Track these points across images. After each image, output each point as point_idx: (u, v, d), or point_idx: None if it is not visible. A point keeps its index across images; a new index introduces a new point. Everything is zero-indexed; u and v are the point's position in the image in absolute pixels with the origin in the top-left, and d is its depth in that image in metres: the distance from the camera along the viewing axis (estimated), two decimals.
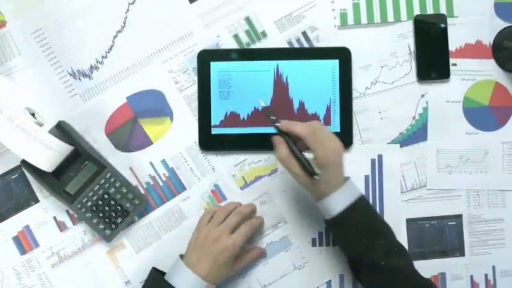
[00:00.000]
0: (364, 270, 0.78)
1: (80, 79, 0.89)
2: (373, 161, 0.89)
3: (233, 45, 0.89)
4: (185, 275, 0.79)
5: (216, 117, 0.88)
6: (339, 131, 0.88)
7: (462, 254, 0.90)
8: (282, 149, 0.76)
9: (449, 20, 0.89)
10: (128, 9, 0.89)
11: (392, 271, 0.76)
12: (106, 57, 0.89)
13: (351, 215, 0.77)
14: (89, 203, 0.86)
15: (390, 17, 0.90)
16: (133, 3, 0.89)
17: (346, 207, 0.77)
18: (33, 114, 0.83)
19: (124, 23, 0.89)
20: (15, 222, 0.88)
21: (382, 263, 0.76)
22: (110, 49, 0.89)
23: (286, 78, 0.88)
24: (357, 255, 0.79)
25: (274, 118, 0.78)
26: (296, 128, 0.76)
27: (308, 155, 0.76)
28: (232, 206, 0.86)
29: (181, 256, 0.83)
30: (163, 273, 0.83)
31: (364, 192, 0.88)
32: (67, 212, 0.88)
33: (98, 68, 0.89)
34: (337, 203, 0.77)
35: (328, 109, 0.88)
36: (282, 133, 0.77)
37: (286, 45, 0.89)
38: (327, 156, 0.75)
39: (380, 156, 0.89)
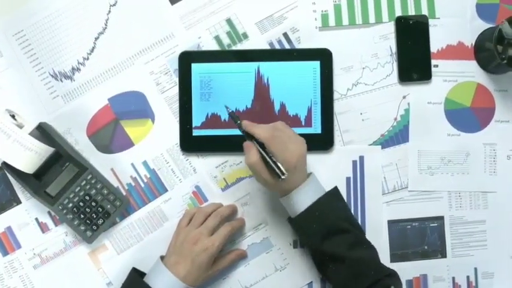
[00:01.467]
0: (329, 263, 0.79)
1: (61, 81, 0.89)
2: (354, 162, 0.89)
3: (214, 46, 0.89)
4: (164, 276, 0.79)
5: (197, 118, 0.88)
6: (320, 132, 0.88)
7: (444, 255, 0.90)
8: (252, 154, 0.76)
9: (430, 21, 0.89)
10: (109, 11, 0.89)
11: (355, 262, 0.77)
12: (87, 58, 0.89)
13: (314, 213, 0.78)
14: (70, 205, 0.86)
15: (372, 18, 0.89)
16: (114, 4, 0.89)
17: (309, 206, 0.77)
18: (13, 116, 0.84)
19: (105, 25, 0.89)
20: None
21: (345, 256, 0.76)
22: (92, 51, 0.89)
23: (267, 79, 0.88)
24: (321, 250, 0.79)
25: (239, 122, 0.78)
26: (256, 130, 0.76)
27: None
28: (211, 207, 0.86)
29: (162, 257, 0.83)
30: (144, 274, 0.83)
31: (345, 194, 0.89)
32: (49, 213, 0.88)
33: (80, 70, 0.89)
34: (301, 201, 0.78)
35: (310, 110, 0.88)
36: (251, 137, 0.77)
37: (268, 47, 0.89)
38: (290, 161, 0.75)
39: (361, 158, 0.89)
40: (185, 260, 0.80)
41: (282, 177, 0.75)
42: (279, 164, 0.75)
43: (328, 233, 0.78)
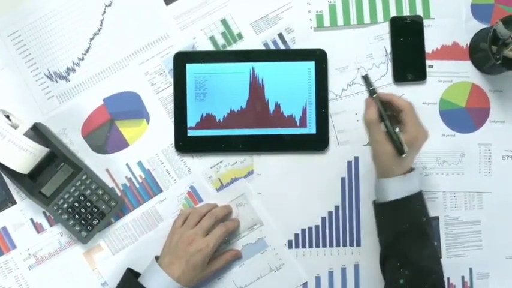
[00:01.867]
0: (393, 261, 0.77)
1: (56, 81, 0.89)
2: (349, 163, 0.89)
3: (209, 47, 0.89)
4: (158, 276, 0.80)
5: (192, 119, 0.88)
6: (314, 132, 0.88)
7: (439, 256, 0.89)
8: (373, 111, 0.76)
9: (425, 22, 0.89)
10: (104, 11, 0.89)
11: (421, 272, 0.75)
12: (83, 59, 0.89)
13: (405, 206, 0.76)
14: (65, 205, 0.86)
15: (366, 19, 0.89)
16: (110, 5, 0.89)
17: (403, 197, 0.76)
18: (8, 117, 0.84)
19: (101, 25, 0.89)
20: None
21: (418, 261, 0.75)
22: (87, 51, 0.89)
23: (262, 80, 0.88)
24: (394, 246, 0.77)
25: (373, 87, 0.77)
26: (398, 99, 0.76)
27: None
28: (206, 208, 0.86)
29: (157, 258, 0.84)
30: (138, 274, 0.83)
31: (340, 195, 0.89)
32: (44, 213, 0.88)
33: (75, 70, 0.89)
34: (397, 189, 0.76)
35: (304, 111, 0.88)
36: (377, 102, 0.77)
37: (263, 47, 0.89)
38: (417, 136, 0.75)
39: (356, 158, 0.89)
40: (180, 260, 0.80)
41: (403, 155, 0.74)
42: (403, 140, 0.74)
43: (409, 231, 0.76)
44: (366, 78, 0.78)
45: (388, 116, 0.76)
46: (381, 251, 0.81)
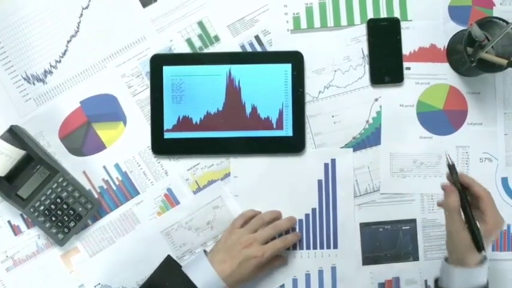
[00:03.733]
0: None
1: (33, 83, 0.89)
2: (326, 165, 0.89)
3: (186, 49, 0.89)
4: (206, 271, 0.80)
5: (168, 121, 0.88)
6: (291, 135, 0.88)
7: (416, 258, 0.89)
8: (455, 198, 0.74)
9: (403, 24, 0.89)
10: (81, 14, 0.89)
11: None
12: (60, 61, 0.89)
13: None
14: (42, 207, 0.86)
15: (343, 21, 0.89)
16: (87, 7, 0.89)
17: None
18: None
19: (78, 28, 0.89)
20: None
21: None
22: (64, 54, 0.89)
23: (239, 82, 0.88)
24: None
25: (452, 163, 0.76)
26: (478, 186, 0.75)
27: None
28: (270, 215, 0.86)
29: (205, 252, 0.84)
30: (177, 263, 0.84)
31: (317, 197, 0.89)
32: (21, 216, 0.89)
33: (52, 73, 0.89)
34: (462, 280, 0.74)
35: (281, 113, 0.88)
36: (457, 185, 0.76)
37: (239, 49, 0.89)
38: (496, 225, 0.74)
39: (333, 161, 0.89)
40: (233, 260, 0.80)
41: (483, 253, 0.72)
42: (481, 236, 0.72)
43: None
44: (451, 167, 0.77)
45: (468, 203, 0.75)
46: None
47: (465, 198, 0.75)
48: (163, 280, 0.81)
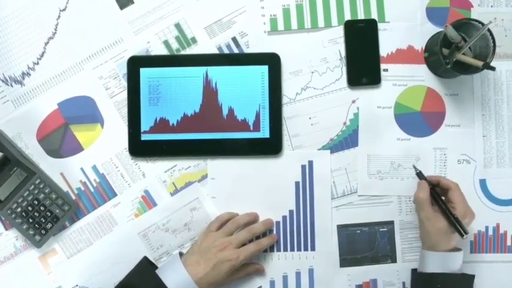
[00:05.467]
0: None
1: (11, 85, 0.89)
2: (303, 167, 0.89)
3: (163, 51, 0.89)
4: (179, 273, 0.80)
5: (145, 123, 0.88)
6: (268, 136, 0.88)
7: (394, 260, 0.89)
8: (425, 191, 0.81)
9: (380, 25, 0.89)
10: (59, 16, 0.89)
11: None
12: (38, 63, 0.89)
13: (440, 282, 0.79)
14: (19, 209, 0.86)
15: (321, 23, 0.89)
16: (64, 9, 0.89)
17: (440, 273, 0.79)
18: None
19: (55, 30, 0.89)
20: None
21: None
22: (42, 56, 0.89)
23: (216, 84, 0.88)
24: None
25: (419, 171, 0.85)
26: (445, 180, 0.83)
27: None
28: (246, 218, 0.86)
29: (181, 254, 0.84)
30: (153, 265, 0.85)
31: (294, 199, 0.89)
32: None
33: (30, 75, 0.89)
34: (437, 263, 0.80)
35: (258, 115, 0.88)
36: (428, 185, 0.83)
37: (216, 51, 0.89)
38: (465, 214, 0.80)
39: (310, 162, 0.89)
40: (207, 262, 0.81)
41: (464, 236, 0.78)
42: (461, 222, 0.79)
43: None
44: (415, 168, 0.86)
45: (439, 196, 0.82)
46: None
47: (435, 192, 0.82)
48: (136, 282, 0.82)
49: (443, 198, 0.82)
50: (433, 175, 0.85)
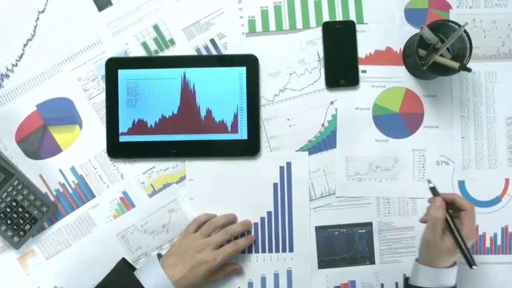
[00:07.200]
0: None
1: None
2: (281, 168, 0.89)
3: (141, 52, 0.89)
4: (157, 274, 0.80)
5: (123, 124, 0.88)
6: (246, 138, 0.88)
7: (372, 262, 0.89)
8: (442, 211, 0.76)
9: (359, 27, 0.89)
10: (37, 18, 0.89)
11: None
12: (16, 65, 0.89)
13: None
14: None
15: (299, 24, 0.89)
16: (43, 11, 0.89)
17: None
18: None
19: (34, 31, 0.89)
20: None
21: None
22: (21, 57, 0.89)
23: (193, 85, 0.88)
24: None
25: (433, 185, 0.79)
26: (461, 199, 0.78)
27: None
28: (223, 220, 0.86)
29: (159, 255, 0.84)
30: (132, 266, 0.85)
31: (272, 200, 0.89)
32: None
33: (9, 76, 0.89)
34: (430, 278, 0.78)
35: (236, 116, 0.88)
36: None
37: (195, 53, 0.89)
38: (470, 237, 0.76)
39: (288, 164, 0.89)
40: (184, 264, 0.81)
41: (474, 267, 0.75)
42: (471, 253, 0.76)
43: None
44: (429, 181, 0.80)
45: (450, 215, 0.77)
46: None
47: (449, 214, 0.77)
48: (114, 283, 0.82)
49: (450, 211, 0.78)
50: (448, 193, 0.79)
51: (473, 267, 0.75)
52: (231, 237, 0.86)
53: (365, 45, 0.89)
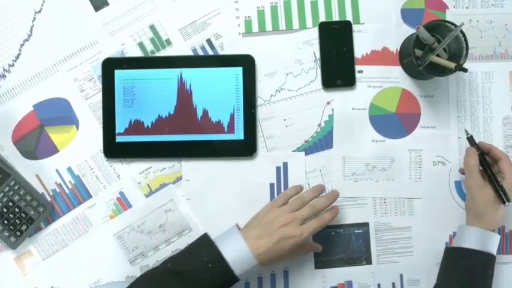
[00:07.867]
0: None
1: None
2: (278, 168, 0.89)
3: (138, 53, 0.89)
4: (239, 246, 0.76)
5: (120, 125, 0.88)
6: (242, 138, 0.88)
7: (369, 262, 0.89)
8: (474, 157, 0.81)
9: (355, 27, 0.89)
10: (34, 18, 0.89)
11: None
12: (13, 65, 0.89)
13: (475, 261, 0.80)
14: None
15: (295, 24, 0.89)
16: (39, 11, 0.90)
17: (477, 250, 0.79)
18: None
19: (31, 32, 0.89)
20: None
21: None
22: (17, 57, 0.89)
23: (190, 86, 0.88)
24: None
25: (470, 135, 0.84)
26: (496, 149, 0.83)
27: None
28: (311, 195, 0.82)
29: (237, 227, 0.80)
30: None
31: (268, 201, 0.89)
32: None
33: (5, 76, 0.89)
34: (475, 239, 0.80)
35: (232, 117, 0.88)
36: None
37: (191, 53, 0.89)
38: None
39: (285, 164, 0.89)
40: (270, 237, 0.77)
41: (506, 204, 0.79)
42: (504, 189, 0.80)
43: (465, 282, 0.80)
44: (467, 132, 0.85)
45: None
46: None
47: (484, 160, 0.82)
48: (193, 252, 0.78)
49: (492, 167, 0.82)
50: (485, 142, 0.85)
51: (507, 204, 0.79)
52: (317, 212, 0.81)
53: (361, 45, 0.89)
